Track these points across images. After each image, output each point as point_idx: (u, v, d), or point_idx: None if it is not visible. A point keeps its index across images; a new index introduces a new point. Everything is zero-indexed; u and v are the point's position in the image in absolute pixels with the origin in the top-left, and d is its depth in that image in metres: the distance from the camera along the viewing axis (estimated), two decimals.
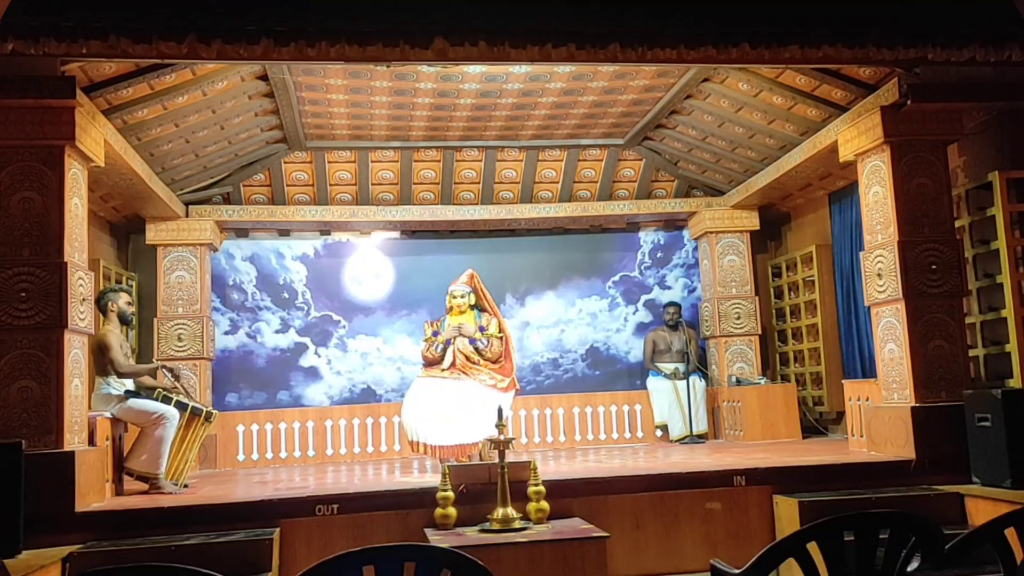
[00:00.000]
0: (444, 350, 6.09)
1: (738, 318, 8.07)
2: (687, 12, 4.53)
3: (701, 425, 7.84)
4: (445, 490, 4.62)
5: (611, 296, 8.58)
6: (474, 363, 6.00)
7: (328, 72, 5.86)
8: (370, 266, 8.34)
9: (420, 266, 8.32)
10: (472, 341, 6.10)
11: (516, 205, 8.11)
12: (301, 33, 4.26)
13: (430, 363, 6.22)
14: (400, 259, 8.37)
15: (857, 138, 5.70)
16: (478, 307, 6.40)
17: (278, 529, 4.51)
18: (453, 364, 5.99)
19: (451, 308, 6.35)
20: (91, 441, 4.91)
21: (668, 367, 8.11)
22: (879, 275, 5.48)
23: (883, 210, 5.53)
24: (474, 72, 5.95)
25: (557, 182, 8.09)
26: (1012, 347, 5.26)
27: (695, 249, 8.65)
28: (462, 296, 6.24)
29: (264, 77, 5.94)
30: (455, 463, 5.45)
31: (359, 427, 7.79)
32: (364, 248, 8.36)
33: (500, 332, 6.31)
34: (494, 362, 6.14)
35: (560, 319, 8.51)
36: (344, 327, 8.20)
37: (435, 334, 6.21)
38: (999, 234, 5.36)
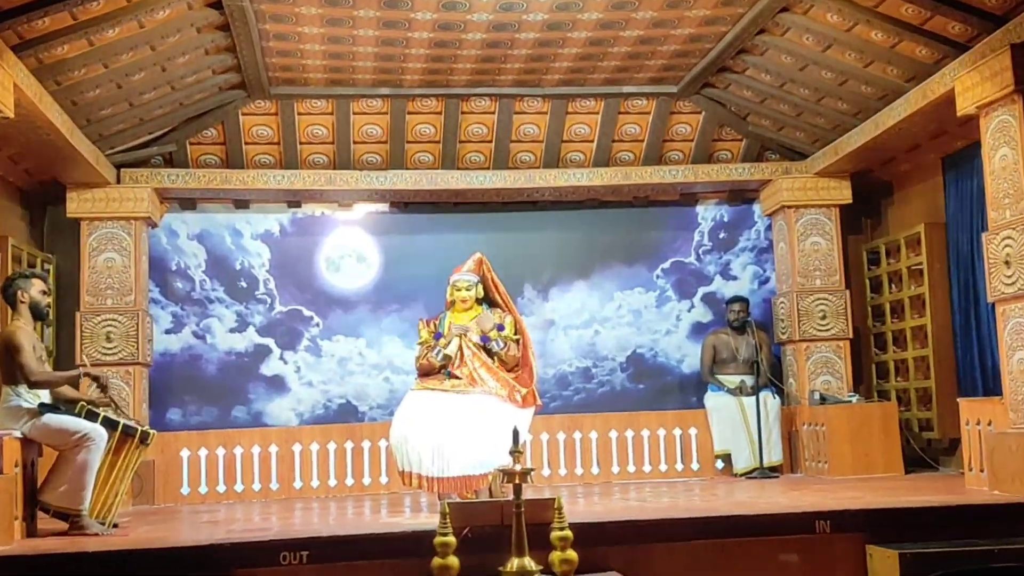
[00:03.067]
0: (445, 358, 6.12)
1: (823, 318, 8.08)
2: None
3: (774, 455, 7.87)
4: (445, 534, 4.55)
5: (660, 288, 8.59)
6: (486, 368, 6.02)
7: None
8: (351, 248, 8.34)
9: (415, 248, 8.31)
10: (485, 340, 6.12)
11: (538, 171, 8.14)
12: None
13: (426, 373, 6.24)
14: (389, 239, 8.38)
15: (980, 85, 5.67)
16: (487, 301, 6.43)
17: None
18: (458, 367, 6.05)
19: (453, 302, 6.35)
20: None
21: (732, 380, 8.13)
22: (1007, 263, 5.45)
23: (1013, 179, 5.51)
24: None
25: (591, 141, 8.08)
26: None
27: (768, 228, 8.63)
28: (468, 287, 6.24)
29: (217, 3, 5.92)
30: (458, 500, 5.45)
31: (336, 453, 7.83)
32: (344, 225, 8.37)
33: (516, 333, 6.32)
34: (510, 370, 6.17)
35: (594, 317, 8.52)
36: (317, 325, 8.25)
37: (437, 336, 6.24)
38: None
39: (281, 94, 7.39)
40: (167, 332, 8.04)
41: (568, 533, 4.45)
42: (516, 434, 4.49)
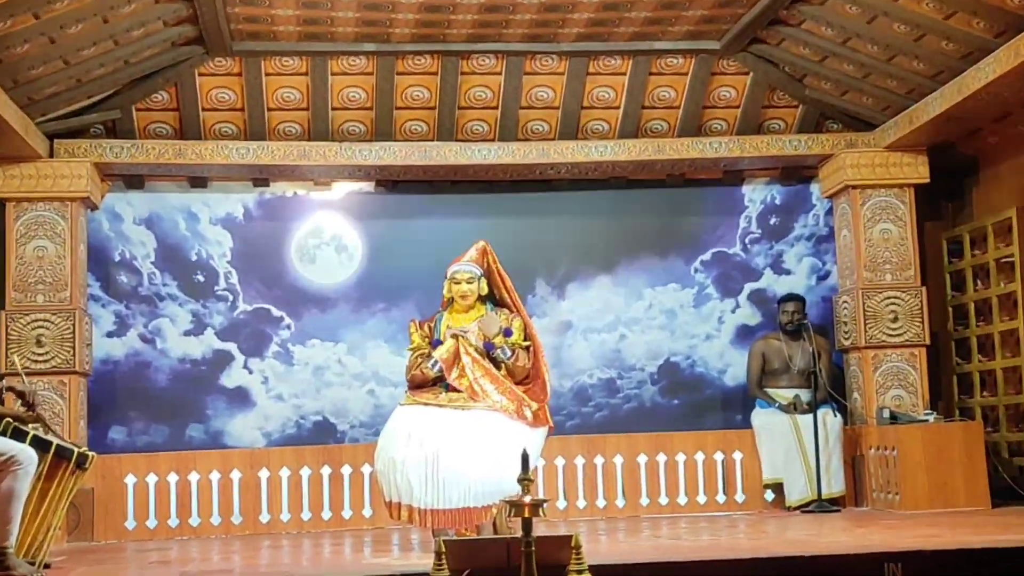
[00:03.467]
0: (440, 367, 6.13)
1: (894, 320, 8.07)
2: None
3: (834, 484, 7.85)
4: None
5: (698, 284, 8.60)
6: (491, 378, 6.05)
7: None
8: (329, 235, 8.37)
9: (405, 236, 8.35)
10: (489, 347, 6.15)
11: (553, 143, 8.15)
12: None
13: (419, 385, 6.26)
14: (375, 225, 8.40)
15: None
16: (492, 299, 6.42)
17: None
18: (458, 377, 6.06)
19: (451, 300, 6.37)
20: None
21: (785, 395, 8.15)
22: None
23: None
24: None
25: (616, 108, 8.09)
26: None
27: (828, 213, 8.64)
28: (469, 279, 6.28)
29: None
30: (456, 537, 5.47)
31: (310, 480, 7.84)
32: (320, 207, 8.39)
33: (526, 339, 6.31)
34: (519, 382, 6.20)
35: (619, 318, 8.55)
36: (289, 328, 8.28)
37: (435, 343, 6.23)
38: None
39: (245, 51, 7.38)
40: (109, 335, 8.04)
41: None
42: (526, 458, 4.46)
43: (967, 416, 8.12)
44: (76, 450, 5.56)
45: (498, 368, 6.15)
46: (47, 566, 5.41)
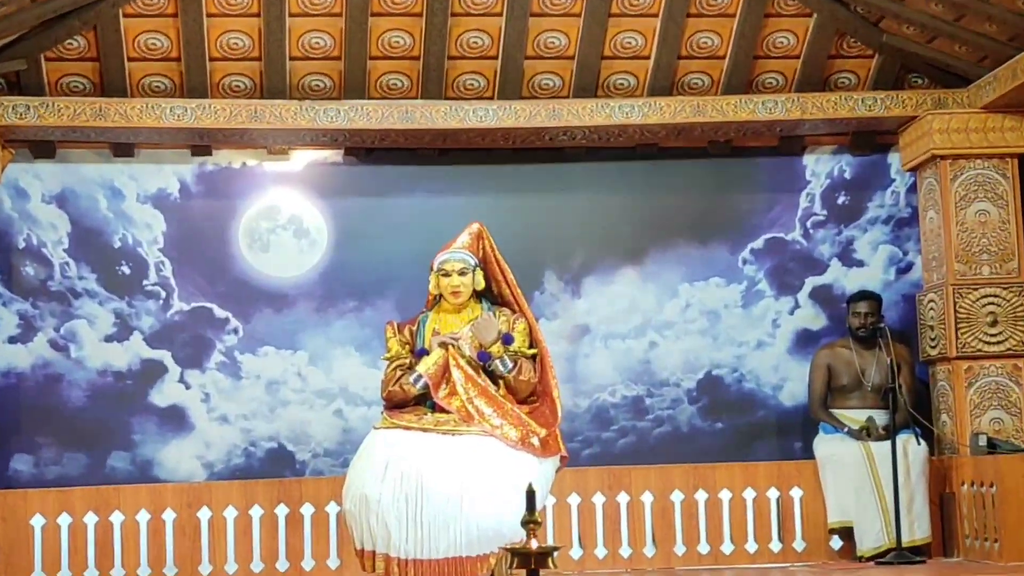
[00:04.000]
0: (424, 383, 6.14)
1: (993, 324, 8.03)
2: None
3: (918, 529, 7.81)
4: None
5: (748, 279, 8.64)
6: (488, 398, 6.05)
7: None
8: (286, 216, 8.41)
9: (382, 216, 8.40)
10: (485, 357, 6.15)
11: (566, 102, 8.12)
12: None
13: (398, 404, 6.25)
14: (344, 203, 8.43)
15: None
16: (489, 297, 6.44)
17: None
18: (447, 396, 6.07)
19: (439, 297, 6.39)
20: None
21: (856, 417, 8.13)
22: None
23: None
24: None
25: (645, 58, 8.08)
26: None
27: (911, 190, 8.62)
28: (462, 270, 6.29)
29: None
30: None
31: (263, 522, 7.83)
32: (275, 181, 8.43)
33: (532, 346, 6.31)
34: (522, 401, 6.20)
35: (648, 321, 8.57)
36: (236, 332, 8.31)
37: (420, 353, 6.24)
38: None
39: None
40: (11, 341, 8.05)
41: None
42: (532, 495, 4.47)
43: None
44: None
45: (496, 384, 6.16)
46: None
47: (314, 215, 8.41)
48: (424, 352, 6.21)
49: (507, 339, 6.21)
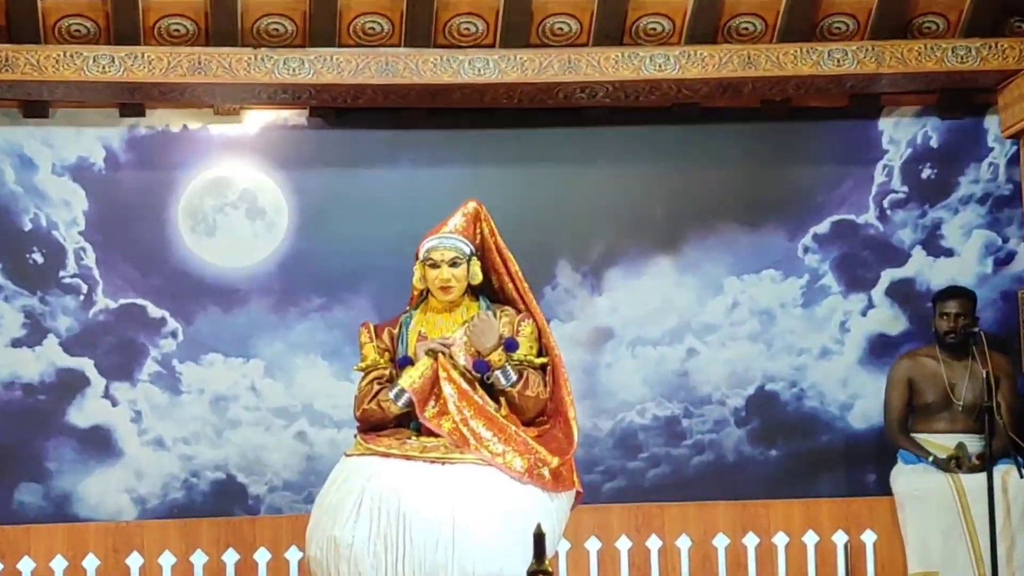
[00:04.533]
0: (408, 399, 6.19)
1: None
2: None
3: None
4: None
5: (809, 271, 8.68)
6: (486, 419, 6.08)
7: None
8: (237, 191, 8.49)
9: (356, 192, 8.49)
10: (482, 366, 6.16)
11: (585, 51, 8.10)
12: None
13: (375, 425, 6.30)
14: (309, 175, 8.50)
15: None
16: (488, 291, 6.48)
17: None
18: (436, 416, 6.11)
19: (426, 294, 6.42)
20: None
21: (944, 443, 8.15)
22: None
23: None
24: None
25: None
26: None
27: (1013, 161, 8.61)
28: (454, 259, 6.29)
29: None
30: None
31: (207, 571, 7.84)
32: (224, 149, 8.50)
33: (541, 354, 6.36)
34: (529, 421, 6.23)
35: (687, 323, 8.62)
36: (174, 336, 8.36)
37: (402, 363, 6.27)
38: None
39: None
40: None
41: None
42: (540, 539, 4.53)
43: None
44: None
45: (497, 401, 6.20)
46: None
47: (272, 191, 8.46)
48: (408, 361, 6.23)
49: (510, 345, 6.22)
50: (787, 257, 8.64)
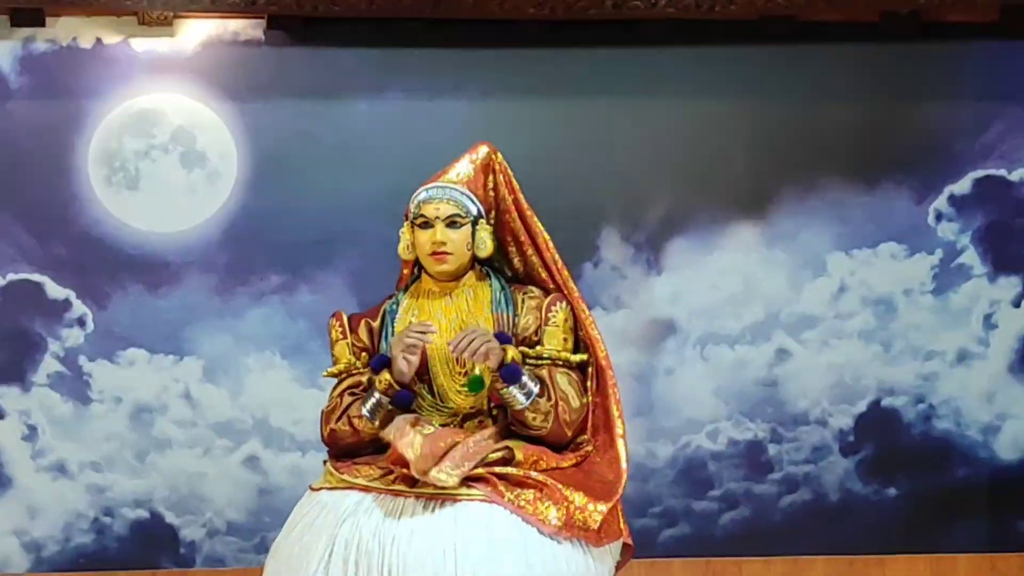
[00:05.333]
0: (385, 411, 5.87)
1: None
2: None
3: None
4: None
5: (944, 245, 8.75)
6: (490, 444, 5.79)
7: None
8: (170, 130, 8.52)
9: (328, 132, 8.54)
10: (511, 373, 5.89)
11: None
12: None
13: (347, 449, 6.06)
14: (266, 109, 8.55)
15: None
16: (502, 266, 6.30)
17: None
18: (427, 440, 5.69)
19: (417, 269, 6.22)
20: None
21: None
22: None
23: None
24: None
25: None
26: None
27: None
28: (452, 220, 6.01)
29: None
30: None
31: None
32: (152, 72, 8.50)
33: (578, 348, 6.13)
34: (562, 443, 5.97)
35: (775, 315, 8.71)
36: (83, 323, 8.40)
37: (376, 364, 5.94)
38: None
39: None
40: None
41: None
42: None
43: None
44: None
45: (519, 419, 5.90)
46: None
47: (216, 130, 8.47)
48: (385, 362, 6.00)
49: (503, 337, 5.95)
50: (913, 226, 8.66)
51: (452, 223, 5.96)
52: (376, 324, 6.16)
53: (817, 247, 8.60)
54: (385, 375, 5.90)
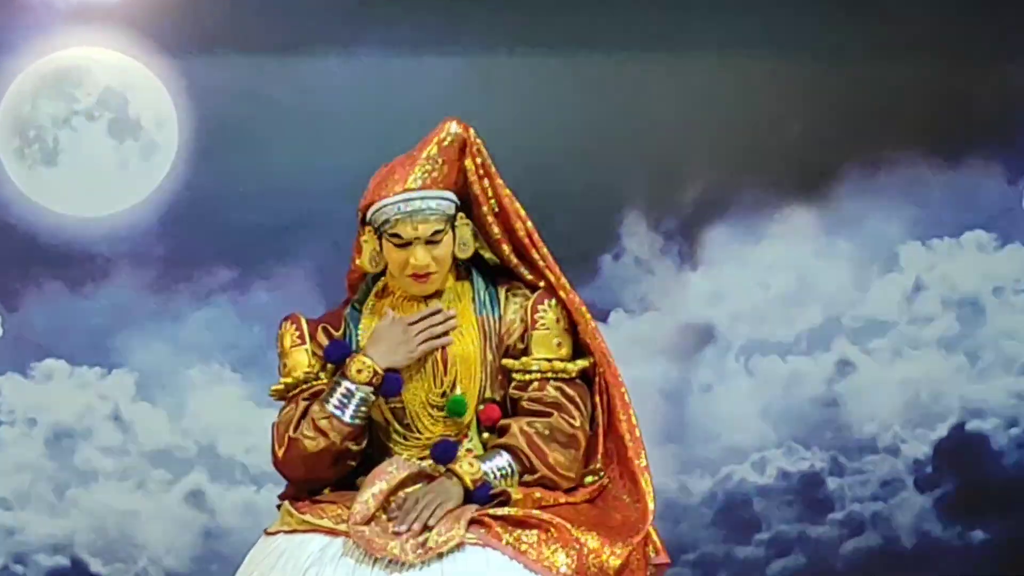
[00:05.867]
0: (367, 406, 5.77)
1: None
2: None
3: None
4: None
5: None
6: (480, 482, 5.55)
7: None
8: (95, 92, 8.65)
9: (289, 95, 8.64)
10: (481, 495, 5.79)
11: None
12: None
13: (310, 473, 5.87)
14: (213, 67, 8.71)
15: None
16: (481, 265, 6.10)
17: None
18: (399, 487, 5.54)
19: (379, 283, 6.09)
20: None
21: None
22: None
23: None
24: None
25: None
26: None
27: None
28: (433, 236, 5.84)
29: None
30: None
31: None
32: (72, 21, 8.61)
33: (571, 346, 5.93)
34: (566, 482, 5.79)
35: (836, 318, 8.81)
36: None
37: (336, 355, 5.88)
38: None
39: None
40: None
41: None
42: None
43: None
44: None
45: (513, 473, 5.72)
46: None
47: (152, 92, 8.55)
48: (345, 351, 5.99)
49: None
50: (1005, 210, 8.78)
51: (433, 239, 5.94)
52: (339, 333, 6.17)
53: (887, 236, 8.65)
54: (364, 360, 5.86)
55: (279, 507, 5.94)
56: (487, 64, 8.36)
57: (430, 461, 5.82)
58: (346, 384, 5.83)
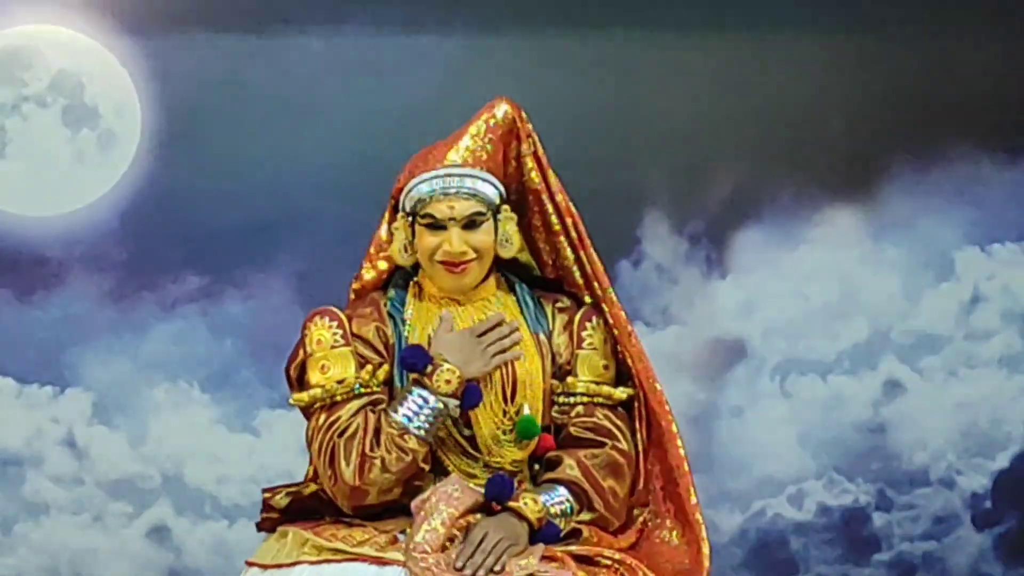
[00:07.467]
0: (443, 420, 5.51)
1: None
2: None
3: None
4: None
5: None
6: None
7: None
8: (48, 76, 8.49)
9: (268, 80, 8.44)
10: (550, 535, 5.42)
11: None
12: None
13: (375, 499, 5.41)
14: (179, 47, 8.47)
15: None
16: (522, 263, 5.76)
17: None
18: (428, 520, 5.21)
19: (411, 274, 5.77)
20: None
21: None
22: None
23: None
24: None
25: None
26: None
27: None
28: (472, 219, 5.61)
29: None
30: None
31: None
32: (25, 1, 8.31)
33: (621, 379, 5.63)
34: (620, 513, 5.52)
35: (884, 333, 8.55)
36: None
37: (413, 361, 5.57)
38: None
39: None
40: None
41: None
42: None
43: None
44: None
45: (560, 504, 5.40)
46: None
47: (112, 76, 8.30)
48: (425, 358, 5.54)
49: (560, 373, 5.59)
50: None
51: (472, 222, 5.61)
52: (387, 330, 5.70)
53: (942, 240, 8.43)
54: (454, 369, 5.50)
55: (269, 529, 5.39)
56: (488, 46, 8.21)
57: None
58: (422, 394, 5.49)
